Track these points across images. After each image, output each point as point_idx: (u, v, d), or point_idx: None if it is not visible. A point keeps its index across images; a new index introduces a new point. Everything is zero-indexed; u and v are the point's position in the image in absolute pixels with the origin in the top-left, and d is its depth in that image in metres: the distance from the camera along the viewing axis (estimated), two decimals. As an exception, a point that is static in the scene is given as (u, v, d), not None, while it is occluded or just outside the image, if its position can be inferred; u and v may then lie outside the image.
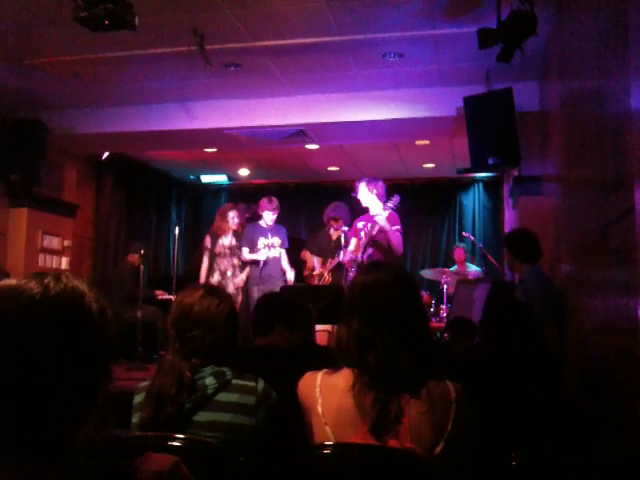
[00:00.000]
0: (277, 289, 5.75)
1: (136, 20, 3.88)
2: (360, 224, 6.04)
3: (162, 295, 7.51)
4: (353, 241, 6.14)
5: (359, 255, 5.88)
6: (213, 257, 7.07)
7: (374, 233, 5.84)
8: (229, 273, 6.99)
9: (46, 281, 0.94)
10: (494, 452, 2.31)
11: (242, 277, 6.98)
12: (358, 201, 6.07)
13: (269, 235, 6.83)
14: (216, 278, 6.95)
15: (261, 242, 6.78)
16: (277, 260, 6.84)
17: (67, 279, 0.96)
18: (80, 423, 0.94)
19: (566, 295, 3.99)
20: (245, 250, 6.84)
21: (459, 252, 8.42)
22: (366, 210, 6.05)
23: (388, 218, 5.81)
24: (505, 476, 2.36)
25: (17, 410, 0.88)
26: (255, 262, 6.74)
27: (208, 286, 2.25)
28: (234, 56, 5.39)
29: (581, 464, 2.67)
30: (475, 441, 1.72)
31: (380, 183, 5.98)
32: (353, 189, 6.08)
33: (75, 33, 4.37)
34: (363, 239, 5.91)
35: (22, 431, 0.89)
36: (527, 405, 2.44)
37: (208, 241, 7.20)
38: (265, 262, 6.70)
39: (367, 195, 5.95)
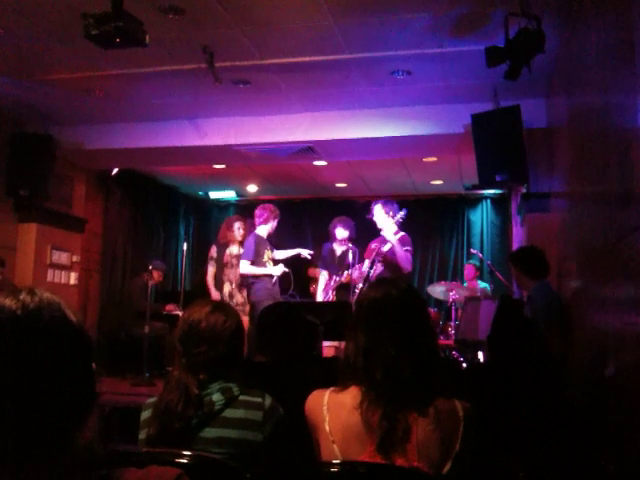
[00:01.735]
0: None
1: (146, 38, 3.92)
2: (374, 245, 6.17)
3: (174, 310, 7.52)
4: (367, 263, 6.26)
5: (366, 271, 5.97)
6: (221, 267, 7.01)
7: (383, 250, 5.95)
8: (238, 283, 6.94)
9: (21, 297, 0.96)
10: (502, 470, 2.29)
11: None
12: (372, 222, 6.26)
13: (269, 247, 6.68)
14: (227, 288, 6.87)
15: (267, 255, 6.59)
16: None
17: (39, 292, 0.98)
18: (80, 427, 0.95)
19: (573, 310, 3.98)
20: (246, 263, 6.47)
21: (469, 269, 8.40)
22: (380, 231, 6.22)
23: (400, 239, 6.02)
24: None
25: (17, 421, 0.90)
26: (265, 276, 6.51)
27: (215, 302, 2.26)
28: (243, 73, 5.44)
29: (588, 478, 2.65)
30: (483, 459, 1.71)
31: (395, 205, 6.22)
32: (368, 211, 6.25)
33: (86, 49, 4.42)
34: (372, 255, 6.01)
35: (23, 437, 0.90)
36: (535, 421, 2.42)
37: (214, 250, 7.17)
38: (279, 276, 6.51)
39: (383, 217, 6.17)
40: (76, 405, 0.95)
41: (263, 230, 6.74)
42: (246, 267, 6.52)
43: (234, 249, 6.98)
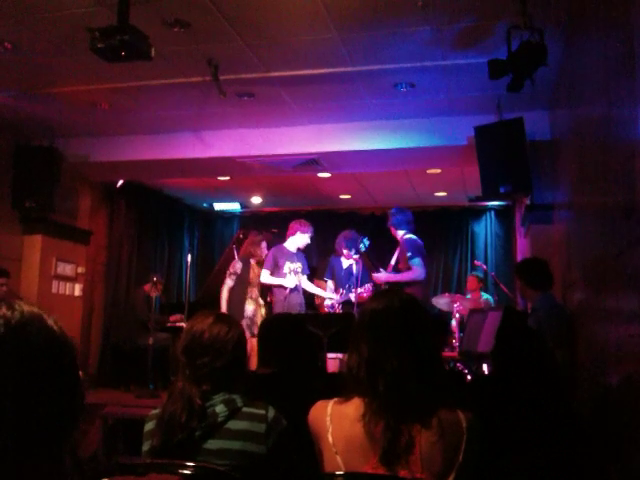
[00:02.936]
0: None
1: (152, 51, 3.95)
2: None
3: (179, 321, 7.50)
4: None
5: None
6: (244, 285, 6.90)
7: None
8: (261, 301, 6.90)
9: (1, 312, 0.96)
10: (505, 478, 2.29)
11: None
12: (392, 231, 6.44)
13: (295, 259, 6.68)
14: (251, 307, 6.77)
15: (287, 266, 6.58)
16: (300, 287, 6.68)
17: (18, 305, 0.98)
18: (71, 434, 0.96)
19: (578, 321, 3.98)
20: (265, 272, 6.59)
21: (471, 281, 8.38)
22: (397, 241, 6.40)
23: (401, 246, 6.14)
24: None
25: (16, 433, 0.91)
26: (280, 287, 6.55)
27: (218, 313, 2.27)
28: (248, 86, 5.47)
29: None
30: (486, 471, 1.71)
31: (396, 216, 6.32)
32: (386, 219, 6.50)
33: (91, 63, 4.45)
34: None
35: (18, 446, 0.91)
36: (540, 432, 2.42)
37: (238, 267, 6.93)
38: (292, 288, 6.54)
39: (390, 227, 6.36)
40: (67, 414, 0.96)
41: (290, 242, 6.76)
42: (265, 277, 6.63)
43: (256, 268, 6.90)
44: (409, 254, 6.04)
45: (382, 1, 4.03)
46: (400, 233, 6.28)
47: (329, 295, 6.84)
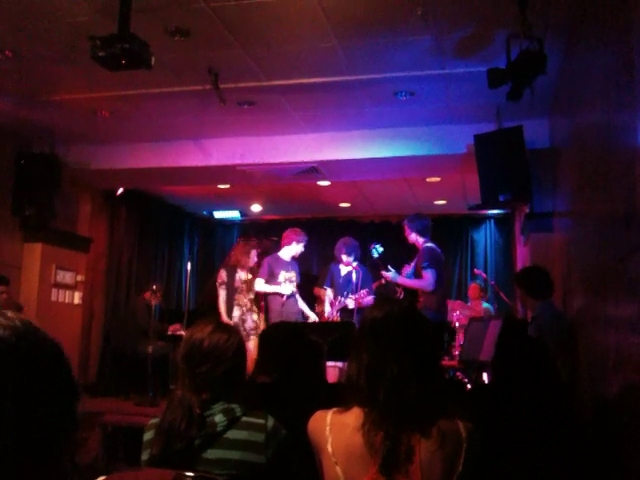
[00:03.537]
0: None
1: (152, 59, 3.96)
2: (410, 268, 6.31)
3: (178, 330, 7.49)
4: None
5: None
6: (232, 291, 6.94)
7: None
8: (248, 307, 6.89)
9: None
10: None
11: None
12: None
13: (289, 268, 6.70)
14: (237, 313, 6.79)
15: (282, 275, 6.61)
16: (296, 295, 6.71)
17: (5, 320, 0.97)
18: (72, 434, 0.97)
19: (578, 329, 3.98)
20: (260, 281, 6.61)
21: (473, 289, 8.39)
22: (414, 249, 6.25)
23: (419, 253, 6.04)
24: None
25: (19, 444, 0.91)
26: (276, 295, 6.58)
27: (218, 321, 2.26)
28: (248, 94, 5.48)
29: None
30: (486, 476, 1.70)
31: (420, 221, 6.14)
32: (402, 229, 6.34)
33: (92, 71, 4.46)
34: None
35: (19, 460, 0.91)
36: (540, 443, 2.41)
37: (224, 275, 6.99)
38: (289, 296, 6.56)
39: (414, 236, 6.16)
40: (66, 414, 0.97)
41: (285, 251, 6.78)
42: (260, 285, 6.63)
43: (243, 275, 6.91)
44: (425, 263, 5.91)
45: (382, 9, 4.04)
46: (421, 240, 6.10)
47: (322, 311, 6.86)
